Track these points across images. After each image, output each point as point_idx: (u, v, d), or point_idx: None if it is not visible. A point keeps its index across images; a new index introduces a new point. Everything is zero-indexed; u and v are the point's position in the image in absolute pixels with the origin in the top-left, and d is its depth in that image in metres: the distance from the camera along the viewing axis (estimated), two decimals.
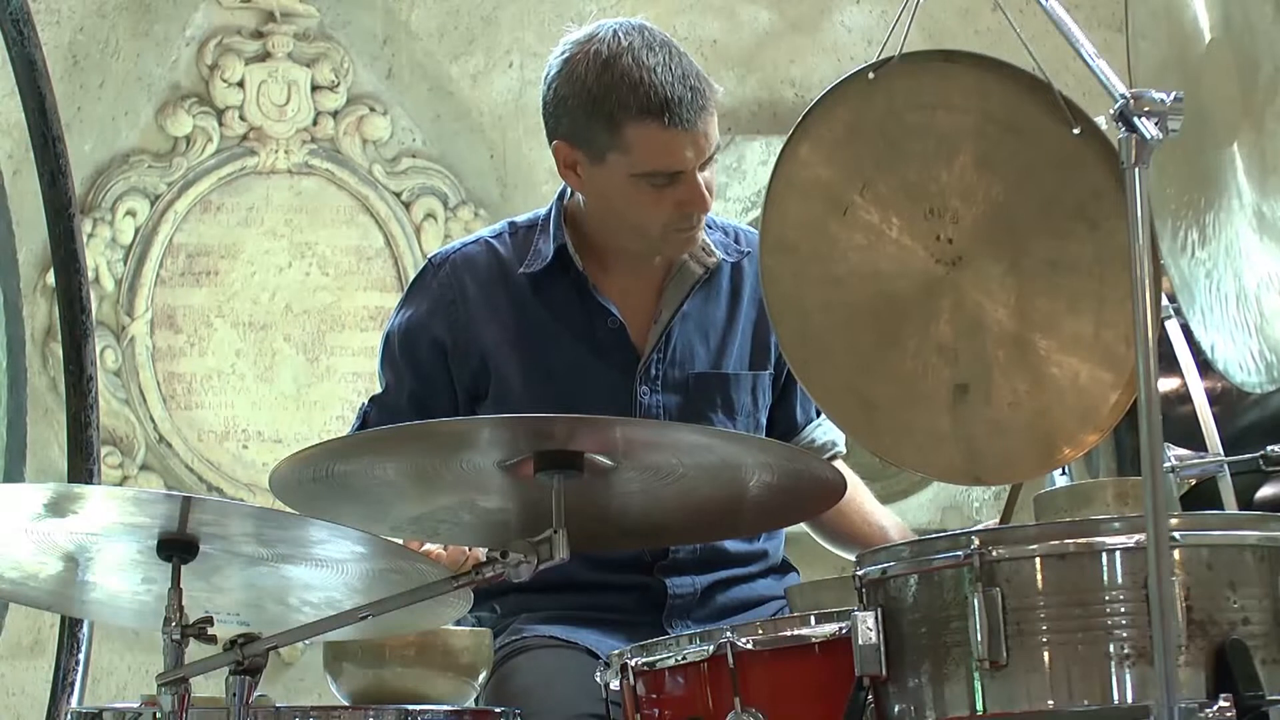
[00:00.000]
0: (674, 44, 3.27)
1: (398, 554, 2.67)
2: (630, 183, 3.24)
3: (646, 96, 3.19)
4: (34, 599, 2.96)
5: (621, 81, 3.20)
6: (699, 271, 3.38)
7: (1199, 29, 2.84)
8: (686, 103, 3.19)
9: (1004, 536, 2.44)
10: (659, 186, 3.23)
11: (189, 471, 5.72)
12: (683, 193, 3.24)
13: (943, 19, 5.67)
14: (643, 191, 3.24)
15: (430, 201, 5.90)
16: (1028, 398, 2.78)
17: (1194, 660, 2.37)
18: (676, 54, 3.24)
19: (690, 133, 3.20)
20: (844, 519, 3.44)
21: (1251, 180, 2.79)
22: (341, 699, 2.93)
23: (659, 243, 3.31)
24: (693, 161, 3.22)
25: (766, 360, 3.42)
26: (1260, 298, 2.79)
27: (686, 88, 3.20)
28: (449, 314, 3.38)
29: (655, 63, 3.20)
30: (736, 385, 3.39)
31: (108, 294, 5.70)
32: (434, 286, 3.41)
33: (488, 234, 3.45)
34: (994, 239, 2.79)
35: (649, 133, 3.20)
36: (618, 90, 3.20)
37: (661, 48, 3.23)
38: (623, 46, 3.22)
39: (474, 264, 3.40)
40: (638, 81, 3.19)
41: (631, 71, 3.20)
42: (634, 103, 3.19)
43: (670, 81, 3.19)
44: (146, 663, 5.42)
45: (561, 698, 3.10)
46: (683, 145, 3.20)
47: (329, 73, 5.84)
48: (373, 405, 3.43)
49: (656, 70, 3.19)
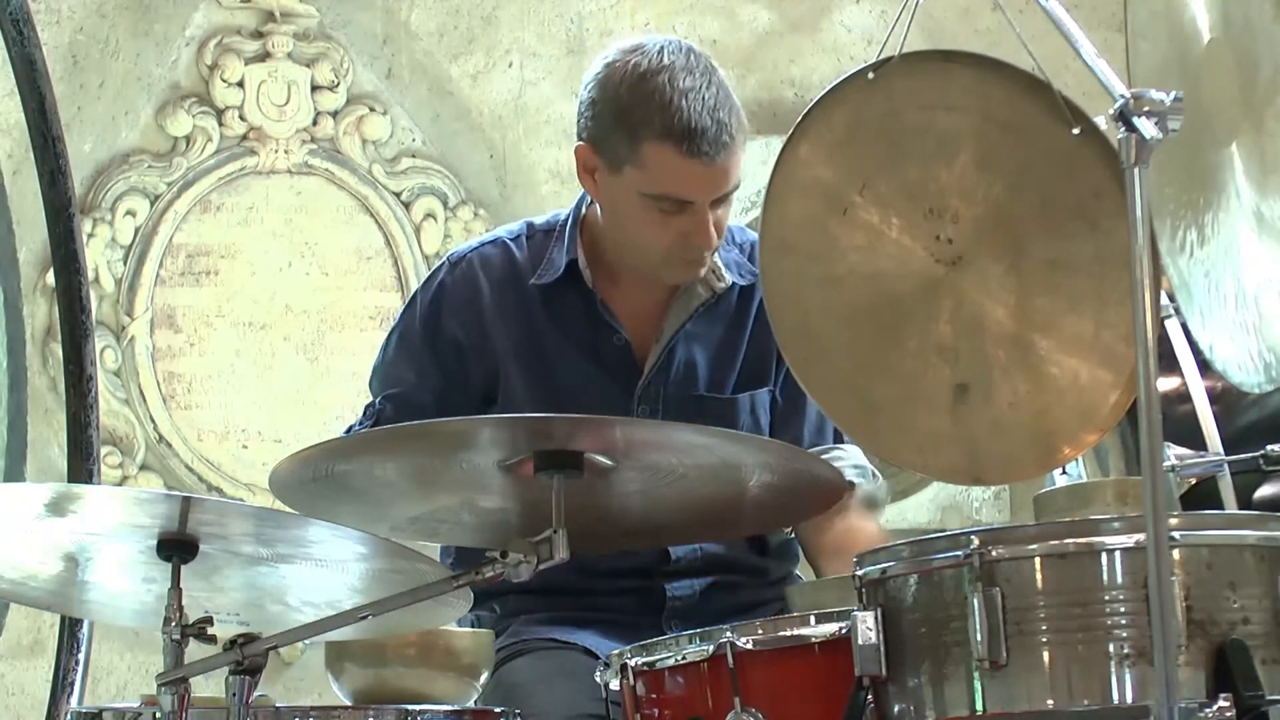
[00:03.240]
0: (718, 75, 3.22)
1: (398, 554, 2.67)
2: (640, 201, 3.23)
3: (671, 119, 3.16)
4: (34, 599, 2.96)
5: (651, 98, 3.18)
6: (705, 295, 3.36)
7: (1199, 29, 2.84)
8: (709, 135, 3.16)
9: (1004, 536, 2.44)
10: (666, 212, 3.22)
11: (189, 471, 5.72)
12: (689, 224, 3.22)
13: (943, 19, 5.67)
14: (650, 213, 3.23)
15: (430, 201, 5.90)
16: (1028, 397, 2.78)
17: (1194, 660, 2.37)
18: (716, 85, 3.19)
19: (707, 166, 3.17)
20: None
21: (1251, 180, 2.79)
22: (343, 699, 2.94)
23: (660, 266, 3.30)
24: (705, 195, 3.20)
25: (767, 376, 3.40)
26: (1259, 298, 2.79)
27: (713, 120, 3.16)
28: (466, 312, 3.37)
29: (688, 87, 3.17)
30: (735, 409, 3.37)
31: (108, 294, 5.70)
32: (450, 284, 3.39)
33: (506, 235, 3.44)
34: (994, 239, 2.79)
35: (665, 155, 3.18)
36: (645, 106, 3.18)
37: (703, 75, 3.19)
38: (663, 64, 3.19)
39: (490, 265, 3.39)
40: (666, 102, 3.16)
41: (663, 91, 3.17)
42: (658, 122, 3.17)
43: (699, 110, 3.16)
44: (146, 663, 5.42)
45: (561, 698, 3.10)
46: (697, 176, 3.18)
47: (329, 73, 5.84)
48: (388, 403, 3.39)
49: (688, 95, 3.16)
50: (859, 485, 3.33)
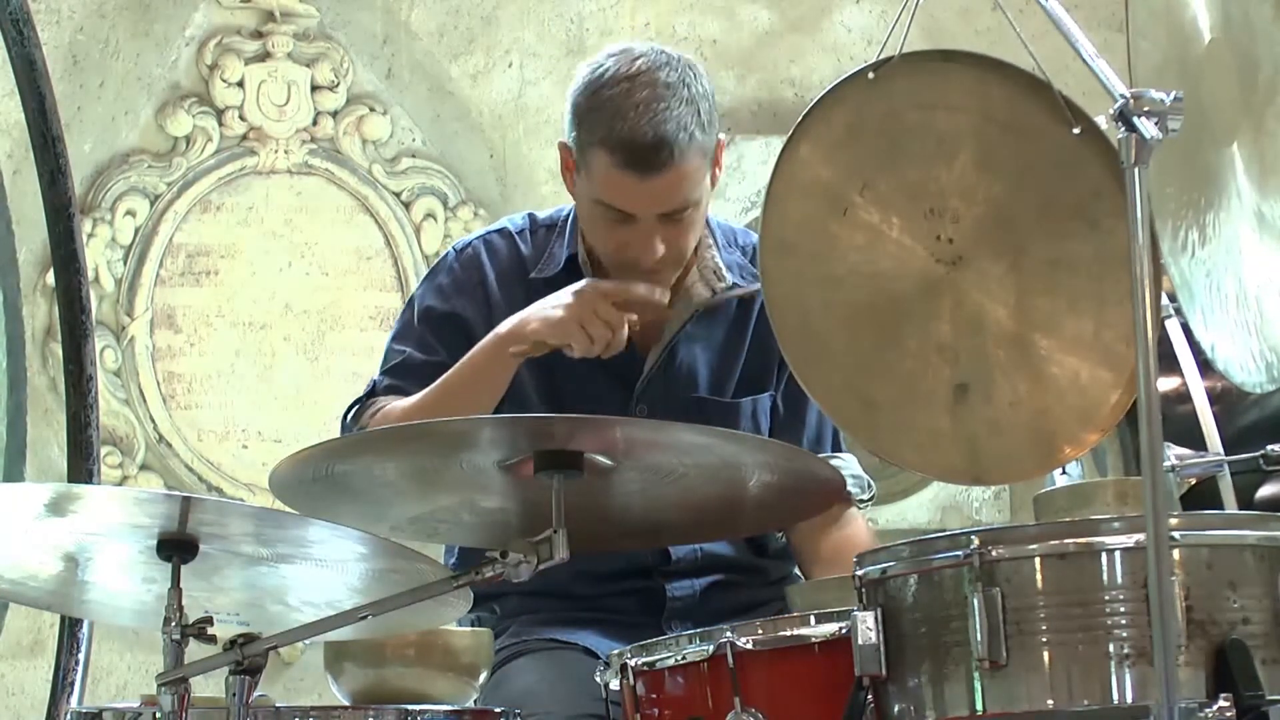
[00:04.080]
0: (693, 91, 3.14)
1: (398, 554, 2.66)
2: (593, 206, 3.23)
3: (612, 129, 3.13)
4: (34, 599, 2.96)
5: (604, 106, 3.15)
6: (705, 295, 3.36)
7: (1199, 29, 2.84)
8: (646, 152, 3.11)
9: (1004, 536, 2.44)
10: (612, 220, 3.20)
11: (189, 471, 5.72)
12: (632, 236, 3.19)
13: (943, 19, 5.67)
14: (599, 219, 3.22)
15: (430, 201, 5.89)
16: (1028, 397, 2.78)
17: (1194, 660, 2.37)
18: (682, 100, 3.13)
19: (643, 181, 3.14)
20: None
21: (1251, 180, 2.79)
22: (342, 699, 2.94)
23: (617, 273, 3.27)
24: (643, 209, 3.16)
25: (768, 381, 3.39)
26: (1260, 298, 2.79)
27: (656, 136, 3.10)
28: (474, 294, 3.36)
29: (643, 99, 3.12)
30: (736, 412, 3.36)
31: (108, 294, 5.70)
32: (458, 268, 3.39)
33: (511, 226, 3.43)
34: (994, 239, 2.79)
35: (604, 165, 3.16)
36: (597, 114, 3.16)
37: (669, 88, 3.13)
38: (629, 74, 3.15)
39: (495, 253, 3.39)
40: (614, 112, 3.14)
41: (615, 101, 3.14)
42: (601, 130, 3.15)
43: (642, 125, 3.11)
44: (146, 663, 5.42)
45: (561, 698, 3.10)
46: (633, 190, 3.15)
47: (329, 73, 5.84)
48: (386, 375, 3.36)
49: (639, 108, 3.12)
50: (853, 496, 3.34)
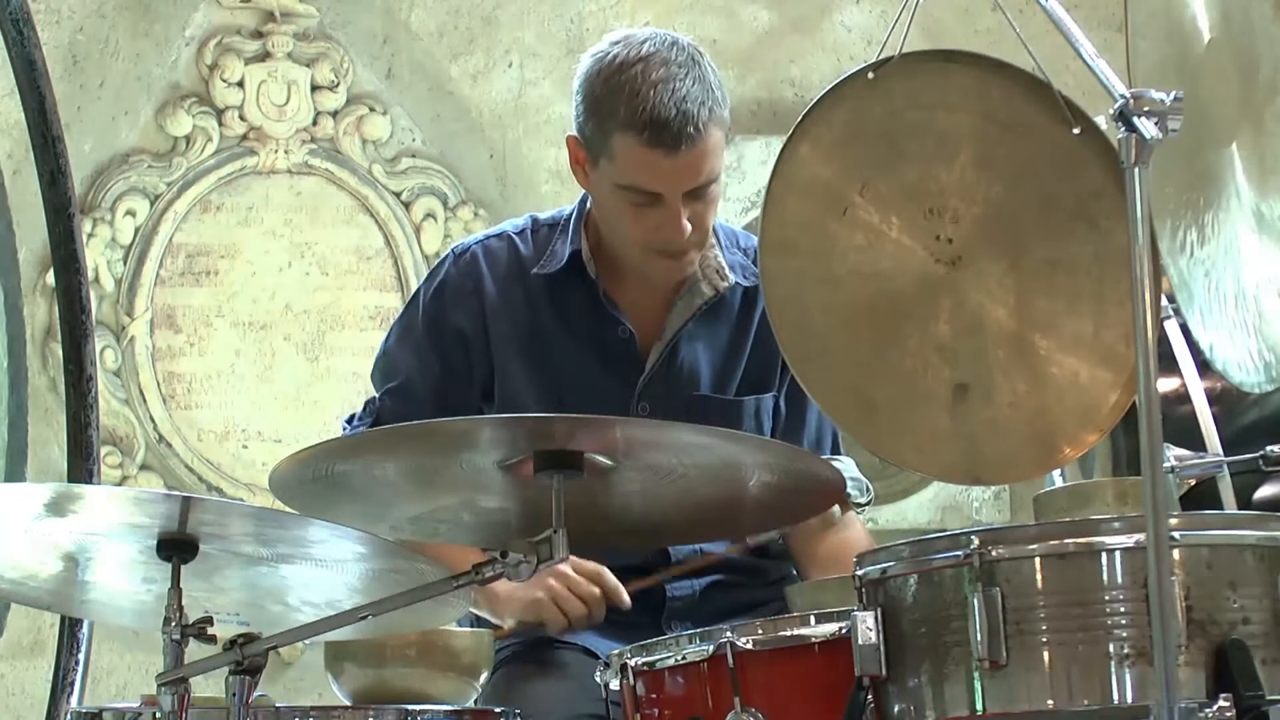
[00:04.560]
0: (700, 69, 3.18)
1: (398, 554, 2.67)
2: (615, 193, 3.23)
3: (635, 109, 3.15)
4: (34, 599, 2.96)
5: (622, 89, 3.17)
6: (709, 293, 3.36)
7: (1198, 29, 2.84)
8: (672, 127, 3.14)
9: (1004, 536, 2.43)
10: (639, 204, 3.21)
11: (189, 471, 5.72)
12: (661, 217, 3.20)
13: (943, 19, 5.67)
14: (624, 205, 3.23)
15: (430, 201, 5.89)
16: (1028, 397, 2.78)
17: (1194, 660, 2.37)
18: (694, 78, 3.17)
19: (670, 158, 3.16)
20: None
21: (1250, 180, 2.79)
22: (343, 699, 2.94)
23: (641, 262, 3.29)
24: (672, 187, 3.18)
25: (771, 382, 3.40)
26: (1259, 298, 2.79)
27: (679, 112, 3.14)
28: (469, 302, 3.37)
29: (660, 78, 3.16)
30: (739, 411, 3.37)
31: (108, 294, 5.70)
32: (454, 274, 3.40)
33: (511, 229, 3.44)
34: (994, 239, 2.79)
35: (629, 145, 3.17)
36: (616, 97, 3.18)
37: (681, 67, 3.17)
38: (640, 56, 3.18)
39: (494, 257, 3.39)
40: (634, 93, 3.16)
41: (633, 81, 3.17)
42: (623, 112, 3.17)
43: (665, 101, 3.14)
44: (146, 663, 5.42)
45: (561, 698, 3.10)
46: (661, 167, 3.17)
47: (329, 73, 5.84)
48: (387, 397, 3.39)
49: (657, 86, 3.15)
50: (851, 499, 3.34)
